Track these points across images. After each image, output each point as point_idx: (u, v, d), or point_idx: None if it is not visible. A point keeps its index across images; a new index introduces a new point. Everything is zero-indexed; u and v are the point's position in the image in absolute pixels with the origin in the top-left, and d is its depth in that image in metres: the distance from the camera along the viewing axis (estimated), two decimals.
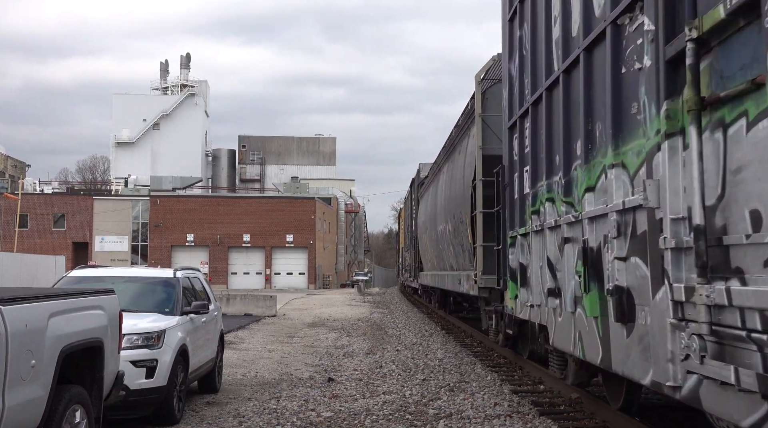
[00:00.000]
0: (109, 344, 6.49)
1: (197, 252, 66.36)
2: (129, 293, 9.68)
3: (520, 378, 12.02)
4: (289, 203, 69.34)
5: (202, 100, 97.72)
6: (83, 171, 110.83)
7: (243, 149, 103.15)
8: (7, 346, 4.74)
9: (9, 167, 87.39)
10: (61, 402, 5.51)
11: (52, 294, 5.82)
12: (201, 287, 11.25)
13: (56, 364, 5.39)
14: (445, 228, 21.22)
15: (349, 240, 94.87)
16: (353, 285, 72.84)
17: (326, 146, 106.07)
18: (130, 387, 7.85)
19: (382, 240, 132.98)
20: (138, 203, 69.04)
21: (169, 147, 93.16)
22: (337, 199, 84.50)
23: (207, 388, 10.97)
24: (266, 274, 67.65)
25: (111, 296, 6.86)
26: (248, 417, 9.13)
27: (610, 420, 8.25)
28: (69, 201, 69.66)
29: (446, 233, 20.92)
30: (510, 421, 8.67)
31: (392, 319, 26.79)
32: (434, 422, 8.69)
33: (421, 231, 28.23)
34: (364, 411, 9.40)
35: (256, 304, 28.19)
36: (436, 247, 23.49)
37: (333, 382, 11.85)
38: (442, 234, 21.90)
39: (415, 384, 11.44)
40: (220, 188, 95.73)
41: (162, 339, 8.66)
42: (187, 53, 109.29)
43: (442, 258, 22.58)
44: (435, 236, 23.51)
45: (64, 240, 67.00)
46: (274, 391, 11.03)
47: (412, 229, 35.81)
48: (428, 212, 25.69)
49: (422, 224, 27.46)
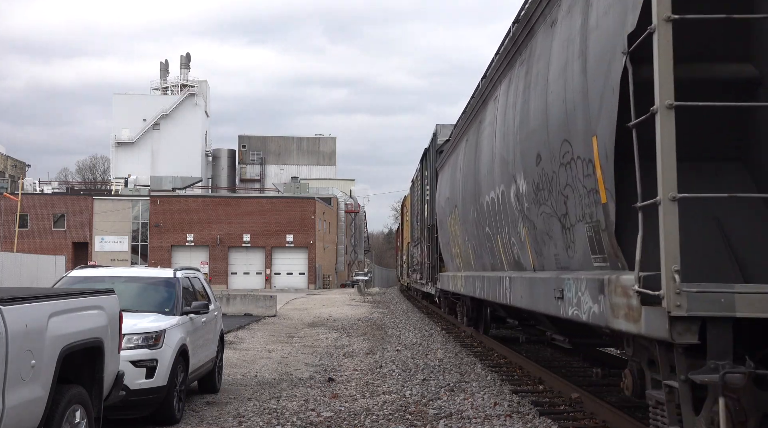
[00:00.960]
0: (109, 344, 6.49)
1: (197, 252, 66.35)
2: (129, 293, 9.68)
3: (520, 378, 12.02)
4: (289, 203, 69.34)
5: (203, 100, 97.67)
6: (83, 171, 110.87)
7: (243, 149, 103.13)
8: (7, 346, 4.74)
9: (9, 167, 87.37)
10: (61, 402, 5.51)
11: (52, 294, 5.82)
12: (201, 287, 11.25)
13: (56, 364, 5.39)
14: (505, 194, 10.21)
15: (349, 240, 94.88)
16: (353, 285, 72.87)
17: (326, 146, 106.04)
18: (130, 387, 7.86)
19: (382, 240, 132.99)
20: (138, 203, 69.04)
21: (169, 147, 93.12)
22: (337, 199, 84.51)
23: (207, 388, 10.97)
24: (266, 274, 67.65)
25: (111, 296, 6.86)
26: (248, 417, 9.13)
27: (610, 420, 8.26)
28: (69, 201, 69.66)
29: (508, 201, 10.03)
30: (510, 421, 8.67)
31: (392, 319, 26.78)
32: (434, 422, 8.69)
33: (444, 215, 18.37)
34: (364, 411, 9.40)
35: (256, 304, 28.17)
36: (476, 233, 13.25)
37: (333, 382, 11.85)
38: (494, 208, 11.24)
39: (415, 384, 11.43)
40: (220, 188, 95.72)
41: (162, 339, 8.66)
42: (187, 53, 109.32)
43: (495, 250, 11.88)
44: (474, 217, 13.18)
45: (64, 240, 66.99)
46: (274, 391, 11.03)
47: (424, 216, 26.52)
48: (459, 184, 15.03)
49: (445, 204, 17.73)
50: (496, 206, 10.83)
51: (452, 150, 17.14)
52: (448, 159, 17.82)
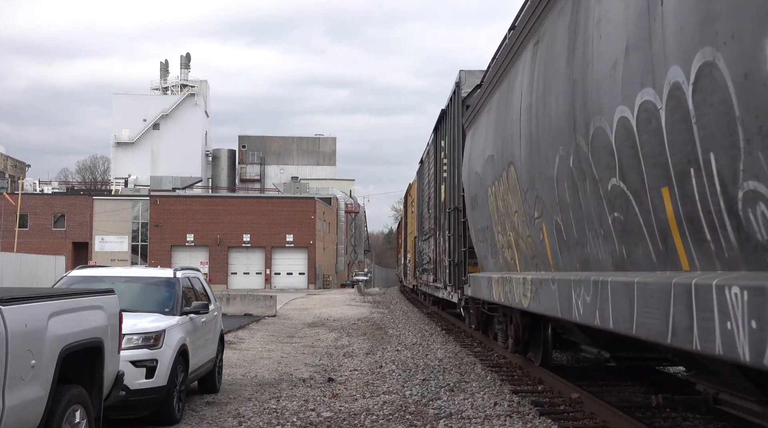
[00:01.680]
0: (109, 344, 6.49)
1: (197, 252, 66.36)
2: (129, 293, 9.68)
3: (520, 378, 12.01)
4: (289, 203, 69.36)
5: (202, 101, 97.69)
6: (83, 171, 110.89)
7: (243, 149, 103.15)
8: (6, 346, 4.74)
9: (9, 167, 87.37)
10: (61, 402, 5.51)
11: (52, 294, 5.82)
12: (201, 287, 11.25)
13: (56, 364, 5.39)
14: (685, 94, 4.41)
15: (349, 240, 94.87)
16: (353, 285, 72.87)
17: (326, 146, 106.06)
18: (130, 387, 7.85)
19: (382, 240, 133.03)
20: (138, 203, 69.05)
21: (169, 147, 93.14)
22: (337, 199, 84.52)
23: (207, 388, 10.97)
24: (266, 274, 67.67)
25: (111, 296, 6.86)
26: (248, 417, 9.13)
27: (610, 420, 8.26)
28: (69, 201, 69.68)
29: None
30: (510, 421, 8.67)
31: (392, 319, 26.78)
32: (434, 422, 8.69)
33: (480, 187, 12.49)
34: (364, 411, 9.40)
35: (256, 304, 28.18)
36: (575, 198, 7.02)
37: (333, 382, 11.85)
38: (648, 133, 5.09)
39: (415, 384, 11.44)
40: (220, 188, 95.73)
41: (162, 339, 8.66)
42: (187, 53, 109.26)
43: (636, 226, 5.62)
44: (569, 166, 7.01)
45: (64, 240, 67.00)
46: (274, 391, 11.03)
47: (439, 200, 20.16)
48: (519, 125, 9.15)
49: (485, 169, 11.84)
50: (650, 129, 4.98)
51: (495, 86, 11.18)
52: (488, 102, 11.90)
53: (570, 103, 6.85)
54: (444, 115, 19.54)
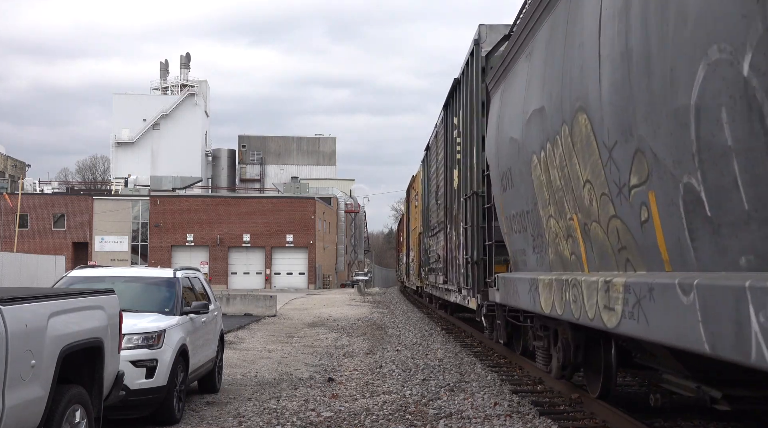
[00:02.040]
0: (109, 344, 6.49)
1: (197, 252, 66.37)
2: (129, 293, 9.68)
3: (520, 378, 12.01)
4: (289, 203, 69.36)
5: (202, 100, 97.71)
6: (83, 171, 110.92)
7: (243, 149, 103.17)
8: (7, 346, 4.74)
9: (9, 167, 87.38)
10: (61, 402, 5.51)
11: (52, 294, 5.82)
12: (201, 287, 11.25)
13: (56, 364, 5.39)
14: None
15: (349, 240, 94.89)
16: (353, 285, 72.89)
17: (326, 146, 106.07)
18: (130, 387, 7.86)
19: (382, 240, 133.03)
20: (138, 203, 69.04)
21: (169, 147, 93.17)
22: (337, 199, 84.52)
23: (207, 388, 10.97)
24: (266, 274, 67.67)
25: (111, 296, 6.86)
26: (248, 417, 9.13)
27: (610, 420, 8.25)
28: (69, 201, 69.68)
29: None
30: (510, 421, 8.67)
31: (392, 319, 26.78)
32: (434, 422, 8.69)
33: (517, 160, 9.38)
34: (364, 411, 9.40)
35: (256, 304, 28.18)
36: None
37: (333, 382, 11.85)
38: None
39: (415, 384, 11.44)
40: (220, 188, 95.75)
41: (162, 339, 8.66)
42: (187, 53, 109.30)
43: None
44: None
45: (64, 240, 67.00)
46: (274, 391, 11.03)
47: (451, 188, 17.88)
48: (593, 63, 6.10)
49: (528, 134, 8.71)
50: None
51: (539, 21, 8.37)
52: (527, 46, 9.04)
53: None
54: (457, 85, 16.83)
